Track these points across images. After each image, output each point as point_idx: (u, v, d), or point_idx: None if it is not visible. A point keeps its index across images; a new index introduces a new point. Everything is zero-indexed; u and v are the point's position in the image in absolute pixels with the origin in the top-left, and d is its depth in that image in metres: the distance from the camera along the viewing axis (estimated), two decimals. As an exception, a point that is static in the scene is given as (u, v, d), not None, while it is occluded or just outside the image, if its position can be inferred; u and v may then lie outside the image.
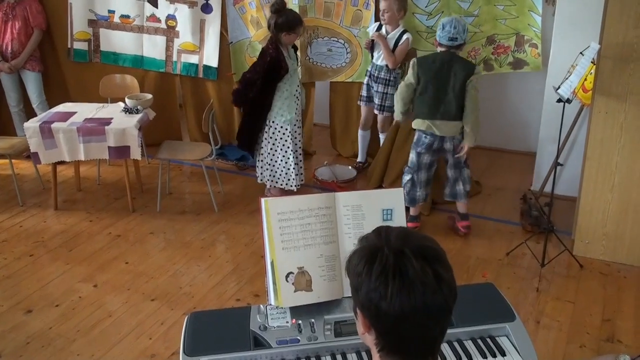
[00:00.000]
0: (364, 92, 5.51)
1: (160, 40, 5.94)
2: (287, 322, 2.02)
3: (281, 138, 4.94)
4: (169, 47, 5.95)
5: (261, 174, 5.16)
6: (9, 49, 5.71)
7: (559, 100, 3.94)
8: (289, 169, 5.01)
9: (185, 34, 5.86)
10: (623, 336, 3.57)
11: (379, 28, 5.30)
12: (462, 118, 4.34)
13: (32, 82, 5.84)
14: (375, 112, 5.48)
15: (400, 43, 5.21)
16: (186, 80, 6.06)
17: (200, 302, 3.88)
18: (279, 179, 5.09)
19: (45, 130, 4.72)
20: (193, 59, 5.93)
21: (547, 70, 5.10)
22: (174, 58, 5.96)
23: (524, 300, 3.90)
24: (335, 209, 2.11)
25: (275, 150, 4.99)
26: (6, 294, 3.96)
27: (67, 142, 4.72)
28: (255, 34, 5.73)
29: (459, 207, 4.70)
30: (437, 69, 4.32)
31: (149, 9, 5.87)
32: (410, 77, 4.40)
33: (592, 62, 3.97)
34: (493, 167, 5.98)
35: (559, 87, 4.04)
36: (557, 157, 4.27)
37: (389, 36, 5.22)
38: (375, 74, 5.36)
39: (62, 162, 5.02)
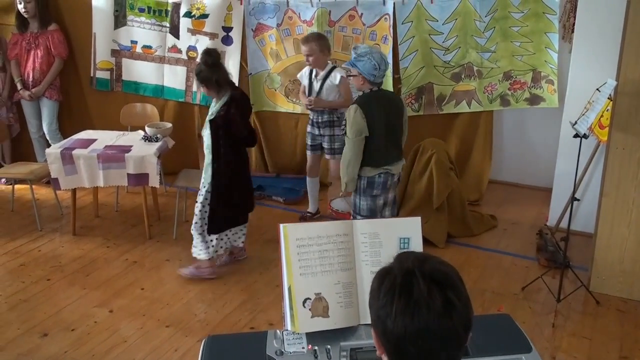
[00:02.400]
0: (308, 141, 5.29)
1: (181, 70, 6.05)
2: (304, 347, 2.03)
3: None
4: (189, 78, 6.05)
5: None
6: (31, 77, 5.85)
7: (576, 136, 3.96)
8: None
9: (205, 65, 5.95)
10: (640, 374, 3.54)
11: (311, 71, 5.10)
12: (403, 156, 4.22)
13: (47, 109, 5.97)
14: (327, 157, 5.28)
15: (338, 83, 4.97)
16: (205, 110, 6.12)
17: (215, 330, 3.88)
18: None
19: (67, 157, 4.79)
20: (213, 89, 6.01)
21: (564, 106, 5.12)
22: (194, 88, 6.06)
23: (540, 336, 3.87)
24: (353, 236, 2.13)
25: None
26: (23, 317, 3.99)
27: (87, 168, 4.80)
28: (274, 66, 5.82)
29: None
30: (379, 112, 3.93)
31: (170, 40, 5.99)
32: (359, 129, 3.87)
33: (608, 98, 4.00)
34: (509, 201, 5.97)
35: (575, 123, 4.06)
36: (574, 192, 4.27)
37: (319, 77, 5.03)
38: (319, 119, 5.13)
39: (81, 189, 5.09)
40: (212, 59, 4.20)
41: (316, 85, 5.07)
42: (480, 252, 4.97)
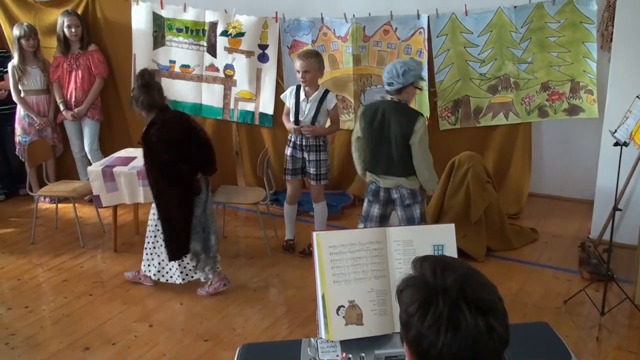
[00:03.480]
0: (289, 166, 4.98)
1: (219, 88, 6.14)
2: (338, 355, 2.03)
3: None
4: (226, 95, 6.13)
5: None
6: (73, 97, 6.01)
7: (616, 144, 3.89)
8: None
9: (242, 83, 6.04)
10: (690, 388, 3.42)
11: (297, 91, 4.88)
12: (406, 173, 4.05)
13: (89, 129, 6.11)
14: (312, 182, 5.01)
15: (331, 108, 4.83)
16: (242, 127, 6.22)
17: (253, 344, 3.89)
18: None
19: (107, 174, 4.89)
20: (249, 106, 6.09)
21: (604, 116, 5.04)
22: (231, 106, 6.14)
23: (584, 350, 3.78)
24: (387, 243, 2.13)
25: None
26: (65, 331, 4.06)
27: (127, 185, 4.88)
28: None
29: None
30: (377, 121, 4.01)
31: (208, 59, 6.08)
32: (357, 129, 4.15)
33: (649, 105, 3.92)
34: (550, 214, 5.88)
35: (615, 131, 3.99)
36: (616, 203, 4.18)
37: (310, 98, 4.80)
38: (303, 143, 4.88)
39: (121, 206, 5.18)
40: (143, 79, 4.16)
41: (306, 107, 4.83)
42: (521, 265, 4.89)
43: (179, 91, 6.24)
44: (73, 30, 5.89)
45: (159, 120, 4.16)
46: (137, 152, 5.36)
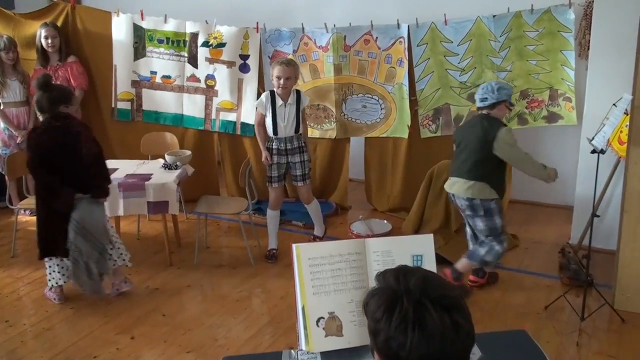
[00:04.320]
0: (274, 173, 5.06)
1: (200, 99, 6.14)
2: (318, 367, 2.03)
3: None
4: (208, 106, 6.13)
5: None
6: None
7: (593, 151, 3.94)
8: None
9: (223, 93, 6.04)
10: (668, 392, 3.46)
11: (272, 95, 4.93)
12: (473, 177, 4.16)
13: None
14: (299, 184, 5.13)
15: (303, 105, 5.02)
16: (224, 137, 6.22)
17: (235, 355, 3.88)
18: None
19: (88, 186, 4.86)
20: (231, 116, 6.09)
21: (582, 123, 5.10)
22: (213, 116, 6.14)
23: (564, 355, 3.82)
24: (366, 254, 2.14)
25: None
26: (46, 345, 4.02)
27: (108, 198, 4.85)
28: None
29: (459, 261, 4.47)
30: (463, 129, 4.37)
31: (189, 69, 6.09)
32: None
33: (625, 113, 3.98)
34: (530, 220, 5.93)
35: (593, 138, 4.04)
36: (594, 209, 4.23)
37: (288, 102, 4.90)
38: (287, 147, 4.99)
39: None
40: (42, 80, 4.17)
41: (285, 112, 4.92)
42: (502, 271, 4.92)
43: (160, 102, 6.24)
44: (50, 41, 5.86)
45: (43, 126, 4.15)
46: (118, 164, 5.37)
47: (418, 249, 2.17)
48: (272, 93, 4.94)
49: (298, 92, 5.00)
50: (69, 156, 4.15)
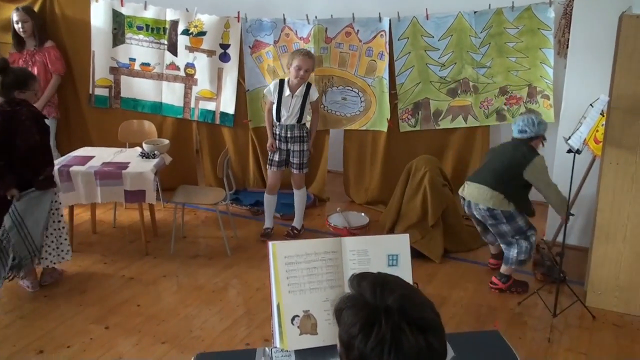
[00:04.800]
0: (275, 157, 5.24)
1: (179, 87, 6.09)
2: (292, 365, 2.04)
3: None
4: (187, 94, 6.09)
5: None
6: None
7: (569, 151, 3.98)
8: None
9: (203, 82, 6.00)
10: (636, 390, 3.53)
11: (281, 84, 5.09)
12: (492, 186, 4.31)
13: None
14: (295, 171, 5.27)
15: (314, 100, 5.14)
16: (203, 127, 6.19)
17: (210, 346, 3.88)
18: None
19: (64, 174, 4.81)
20: (210, 106, 6.06)
21: (559, 121, 5.14)
22: (192, 105, 6.10)
23: (536, 351, 3.87)
24: (342, 253, 2.15)
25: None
26: (19, 334, 3.98)
27: (84, 185, 4.82)
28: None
29: (502, 267, 4.58)
30: (502, 147, 4.58)
31: (168, 57, 6.03)
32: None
33: (601, 114, 4.02)
34: (506, 216, 5.98)
35: (569, 138, 4.08)
36: (569, 208, 4.28)
37: (296, 93, 5.03)
38: (287, 135, 5.14)
39: (78, 205, 5.11)
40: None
41: (291, 102, 5.05)
42: (477, 266, 4.98)
43: (138, 89, 6.18)
44: (20, 25, 5.75)
45: None
46: (95, 152, 5.32)
47: (394, 249, 2.19)
48: (282, 82, 5.08)
49: (309, 85, 5.09)
50: (14, 144, 4.09)
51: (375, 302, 1.35)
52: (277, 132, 5.19)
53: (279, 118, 5.13)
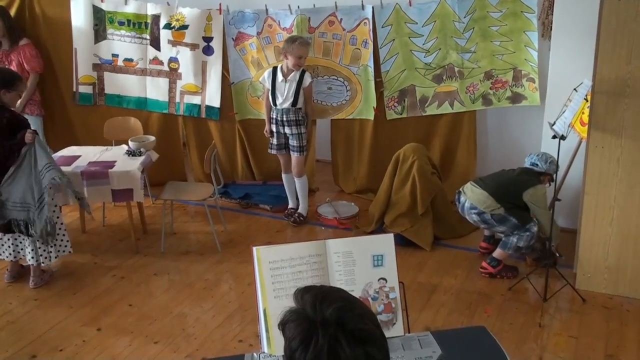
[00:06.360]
0: (274, 141, 5.49)
1: (163, 82, 6.05)
2: (280, 370, 2.05)
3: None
4: (171, 89, 6.05)
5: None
6: None
7: (554, 137, 3.98)
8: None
9: (187, 76, 5.96)
10: (626, 372, 3.56)
11: (274, 71, 5.30)
12: (492, 194, 4.44)
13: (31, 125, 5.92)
14: (294, 154, 5.44)
15: (306, 85, 5.29)
16: (189, 121, 6.15)
17: (203, 344, 3.89)
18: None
19: (50, 175, 4.78)
20: (195, 99, 6.02)
21: (545, 104, 5.14)
22: (177, 99, 6.06)
23: (527, 336, 3.90)
24: (326, 256, 2.14)
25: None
26: (11, 339, 3.98)
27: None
28: (256, 75, 5.82)
29: (496, 251, 4.62)
30: (506, 170, 4.74)
31: (151, 52, 5.99)
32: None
33: (585, 99, 4.02)
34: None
35: (554, 124, 4.08)
36: (556, 193, 4.30)
37: (289, 78, 5.22)
38: (283, 118, 5.33)
39: (67, 204, 5.09)
40: None
41: (284, 88, 5.25)
42: (468, 253, 4.99)
43: (122, 85, 6.13)
44: None
45: None
46: (81, 151, 5.30)
47: (379, 249, 2.19)
48: (275, 69, 5.32)
49: (303, 71, 5.29)
50: None
51: (314, 315, 1.36)
52: (274, 117, 5.38)
53: (275, 103, 5.33)
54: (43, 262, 4.56)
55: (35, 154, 4.38)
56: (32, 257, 4.50)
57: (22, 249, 4.54)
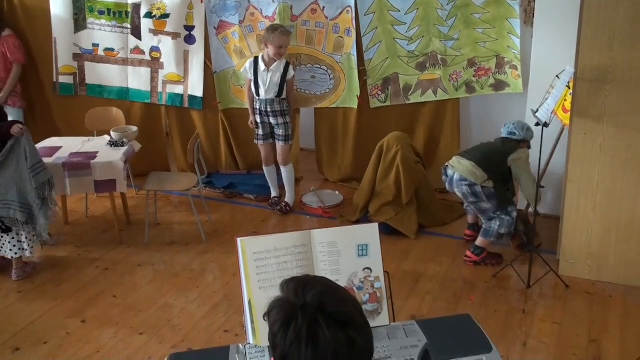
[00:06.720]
0: (260, 132, 5.46)
1: (145, 71, 6.00)
2: (266, 361, 2.05)
3: None
4: (154, 79, 6.00)
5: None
6: None
7: (537, 124, 3.99)
8: None
9: (169, 65, 5.92)
10: (609, 357, 3.60)
11: (256, 61, 5.28)
12: (477, 162, 4.43)
13: (12, 117, 5.83)
14: (280, 144, 5.44)
15: (288, 78, 5.28)
16: (172, 111, 6.11)
17: (188, 335, 3.88)
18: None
19: (32, 166, 4.73)
20: (178, 89, 5.98)
21: (528, 91, 5.16)
22: (159, 89, 6.01)
23: (512, 323, 3.93)
24: (311, 246, 2.14)
25: None
26: (-7, 332, 3.96)
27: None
28: (238, 63, 5.78)
29: (478, 239, 4.64)
30: (486, 143, 4.78)
31: (132, 41, 5.93)
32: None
33: (567, 86, 4.03)
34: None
35: (537, 111, 4.10)
36: (539, 180, 4.32)
37: (271, 67, 5.19)
38: (268, 109, 5.31)
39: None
40: None
41: (267, 77, 5.22)
42: (452, 240, 5.01)
43: (104, 75, 6.07)
44: None
45: None
46: (62, 142, 5.25)
47: (363, 239, 2.19)
48: (256, 59, 5.29)
49: (287, 64, 5.28)
50: None
51: (296, 301, 1.37)
52: (258, 107, 5.35)
53: (258, 93, 5.30)
54: (31, 253, 4.53)
55: (26, 151, 4.34)
56: (11, 250, 4.45)
57: (3, 245, 4.48)
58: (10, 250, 4.45)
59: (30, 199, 4.38)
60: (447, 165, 4.66)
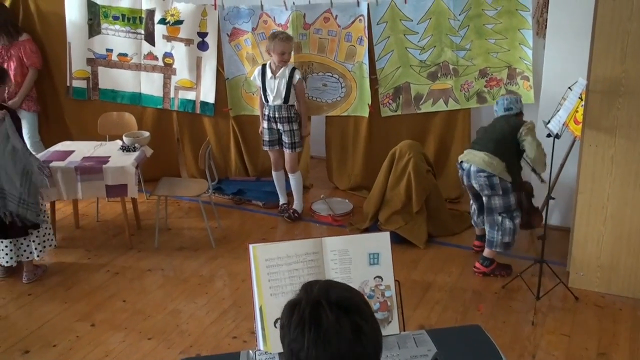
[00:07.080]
0: (266, 137, 5.47)
1: (158, 77, 6.03)
2: (276, 367, 2.05)
3: None
4: (166, 84, 6.04)
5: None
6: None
7: (549, 135, 3.99)
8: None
9: (182, 71, 5.95)
10: (618, 370, 3.58)
11: (263, 69, 5.29)
12: (492, 152, 4.33)
13: (27, 121, 5.87)
14: (287, 151, 5.45)
15: (295, 83, 5.26)
16: (183, 117, 6.14)
17: (197, 340, 3.89)
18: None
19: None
20: (190, 95, 6.01)
21: (539, 102, 5.15)
22: (172, 95, 6.05)
23: (520, 334, 3.91)
24: (323, 254, 2.15)
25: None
26: (3, 334, 3.97)
27: (65, 181, 4.77)
28: (250, 70, 5.81)
29: (485, 251, 4.61)
30: (494, 121, 4.64)
31: (146, 47, 5.97)
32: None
33: (579, 97, 4.03)
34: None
35: (548, 122, 4.09)
36: (549, 191, 4.31)
37: (278, 74, 5.21)
38: (276, 115, 5.33)
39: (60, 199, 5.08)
40: None
41: (274, 84, 5.23)
42: (461, 250, 5.01)
43: (117, 80, 6.12)
44: None
45: None
46: (75, 146, 5.28)
47: (375, 247, 2.19)
48: (264, 67, 5.31)
49: (293, 69, 5.28)
50: None
51: (301, 294, 1.40)
52: (267, 113, 5.38)
53: (267, 100, 5.32)
54: (28, 257, 4.53)
55: (9, 135, 4.30)
56: (6, 255, 4.47)
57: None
58: (6, 255, 4.48)
59: (16, 182, 4.34)
60: (461, 160, 4.57)
